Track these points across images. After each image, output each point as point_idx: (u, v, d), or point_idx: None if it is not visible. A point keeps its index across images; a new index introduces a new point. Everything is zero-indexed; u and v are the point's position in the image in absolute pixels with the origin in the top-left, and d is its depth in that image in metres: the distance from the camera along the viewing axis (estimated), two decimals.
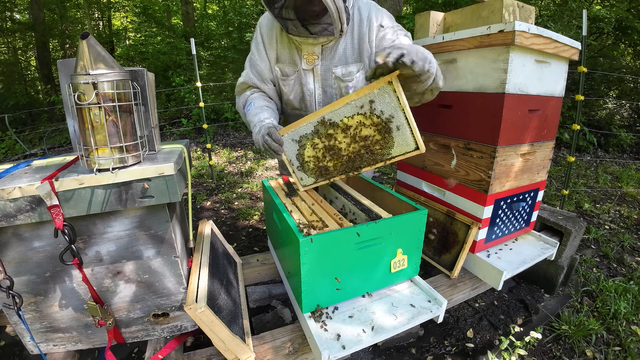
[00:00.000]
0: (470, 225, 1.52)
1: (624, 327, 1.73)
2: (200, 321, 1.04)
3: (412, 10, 6.63)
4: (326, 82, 1.43)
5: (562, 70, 1.57)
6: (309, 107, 1.50)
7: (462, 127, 1.54)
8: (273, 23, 1.40)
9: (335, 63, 1.39)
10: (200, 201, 3.54)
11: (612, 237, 2.73)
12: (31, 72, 10.36)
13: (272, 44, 1.42)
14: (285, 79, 1.47)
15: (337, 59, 1.39)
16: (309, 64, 1.39)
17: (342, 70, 1.40)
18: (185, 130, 6.32)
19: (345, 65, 1.39)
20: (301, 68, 1.40)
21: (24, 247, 1.05)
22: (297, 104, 1.52)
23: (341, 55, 1.38)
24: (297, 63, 1.41)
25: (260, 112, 1.37)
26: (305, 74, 1.41)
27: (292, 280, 1.29)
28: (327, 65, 1.39)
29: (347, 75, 1.41)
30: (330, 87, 1.44)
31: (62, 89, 1.15)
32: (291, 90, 1.48)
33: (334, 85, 1.43)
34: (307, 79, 1.42)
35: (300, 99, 1.50)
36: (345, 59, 1.39)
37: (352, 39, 1.37)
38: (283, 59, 1.43)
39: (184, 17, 8.96)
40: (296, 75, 1.44)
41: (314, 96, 1.46)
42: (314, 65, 1.39)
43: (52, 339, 1.18)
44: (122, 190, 1.02)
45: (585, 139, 5.29)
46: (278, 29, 1.39)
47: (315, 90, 1.45)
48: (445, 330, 1.76)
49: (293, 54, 1.40)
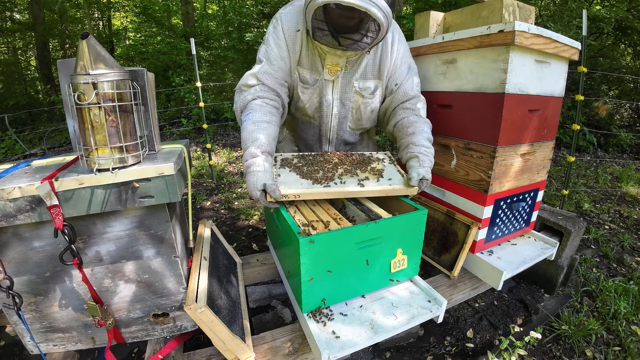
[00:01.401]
0: (470, 225, 1.52)
1: (624, 327, 1.73)
2: (200, 321, 1.04)
3: (412, 10, 6.62)
4: (345, 95, 1.41)
5: (562, 70, 1.57)
6: (324, 118, 1.47)
7: (462, 127, 1.54)
8: (297, 23, 1.30)
9: (356, 77, 1.38)
10: (200, 201, 3.54)
11: (612, 237, 2.73)
12: (31, 72, 10.35)
13: (296, 45, 1.32)
14: (305, 86, 1.39)
15: (359, 73, 1.38)
16: (331, 74, 1.35)
17: (361, 84, 1.40)
18: (185, 130, 6.32)
19: (364, 80, 1.40)
20: (323, 78, 1.36)
21: (24, 247, 1.05)
22: (310, 113, 1.47)
23: (363, 70, 1.38)
24: (320, 71, 1.35)
25: (257, 131, 1.24)
26: (325, 84, 1.38)
27: (292, 280, 1.29)
28: (349, 78, 1.38)
29: (364, 90, 1.41)
30: (349, 101, 1.43)
31: (62, 89, 1.15)
32: (309, 99, 1.42)
33: (352, 98, 1.42)
34: (327, 89, 1.39)
35: (315, 108, 1.46)
36: (365, 74, 1.39)
37: (374, 56, 1.37)
38: (304, 64, 1.36)
39: (184, 17, 8.95)
40: (317, 85, 1.38)
41: (331, 107, 1.43)
42: (336, 76, 1.36)
43: (52, 339, 1.18)
44: (122, 190, 1.02)
45: (585, 139, 5.29)
46: (304, 30, 1.30)
47: (333, 102, 1.42)
48: (445, 330, 1.76)
49: (315, 61, 1.34)
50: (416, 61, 1.74)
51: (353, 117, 1.49)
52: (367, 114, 1.48)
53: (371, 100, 1.44)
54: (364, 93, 1.41)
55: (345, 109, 1.45)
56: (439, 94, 1.62)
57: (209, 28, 9.09)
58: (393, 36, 1.38)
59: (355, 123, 1.52)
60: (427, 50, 1.64)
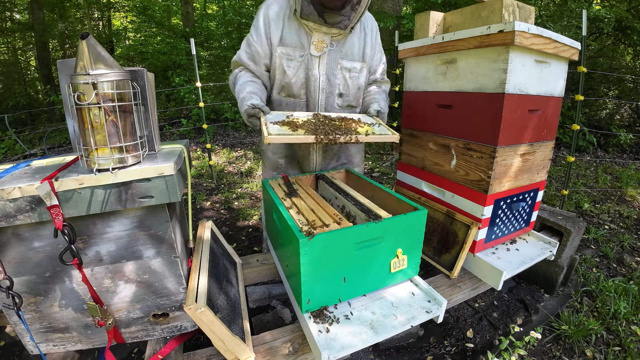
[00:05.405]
0: (470, 225, 1.52)
1: (624, 327, 1.73)
2: (200, 321, 1.04)
3: (412, 10, 6.63)
4: (331, 71, 1.54)
5: (562, 70, 1.57)
6: (311, 93, 1.56)
7: (462, 127, 1.54)
8: (285, 4, 1.48)
9: (342, 56, 1.54)
10: (200, 201, 3.54)
11: (611, 237, 2.73)
12: (31, 72, 10.36)
13: (278, 25, 1.47)
14: (290, 58, 1.51)
15: (343, 53, 1.54)
16: (317, 50, 1.49)
17: (349, 64, 1.57)
18: (185, 130, 6.32)
19: (351, 61, 1.57)
20: (309, 53, 1.49)
21: (24, 247, 1.05)
22: (296, 90, 1.56)
23: (348, 51, 1.55)
24: (306, 47, 1.49)
25: (245, 87, 1.47)
26: (312, 59, 1.50)
27: (291, 280, 1.29)
28: (334, 56, 1.53)
29: (351, 70, 1.58)
30: (334, 77, 1.56)
31: (62, 89, 1.15)
32: (294, 73, 1.52)
33: (338, 75, 1.56)
34: (313, 64, 1.51)
35: (302, 84, 1.55)
36: (352, 55, 1.56)
37: (358, 40, 1.56)
38: (289, 42, 1.48)
39: (184, 17, 8.96)
40: (303, 59, 1.50)
41: (318, 82, 1.54)
42: (322, 52, 1.49)
43: (51, 339, 1.18)
44: (122, 191, 1.02)
45: (585, 139, 5.30)
46: (287, 10, 1.47)
47: (320, 77, 1.54)
48: (445, 330, 1.76)
49: (302, 38, 1.48)
50: (416, 61, 1.75)
51: (340, 92, 1.61)
52: (354, 90, 1.63)
53: (357, 75, 1.60)
54: (351, 71, 1.58)
55: (332, 85, 1.57)
56: (439, 94, 1.63)
57: (209, 28, 9.10)
58: (373, 27, 1.61)
59: (341, 99, 1.63)
60: (427, 50, 1.64)
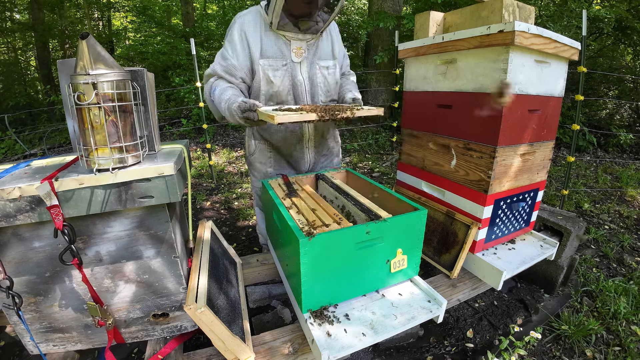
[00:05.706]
0: (470, 225, 1.52)
1: (624, 327, 1.73)
2: (200, 321, 1.04)
3: (412, 10, 6.63)
4: (312, 72, 1.68)
5: (562, 70, 1.57)
6: (299, 96, 1.66)
7: (461, 127, 1.54)
8: (259, 19, 1.57)
9: (318, 58, 1.69)
10: (200, 201, 3.54)
11: (611, 237, 2.73)
12: (31, 72, 10.36)
13: (256, 40, 1.55)
14: (276, 70, 1.59)
15: (318, 55, 1.69)
16: (297, 57, 1.62)
17: (324, 63, 1.72)
18: (185, 130, 6.32)
19: (326, 60, 1.72)
20: (291, 60, 1.61)
21: (24, 247, 1.05)
22: (284, 96, 1.64)
23: (321, 52, 1.70)
24: (287, 56, 1.60)
25: (227, 90, 1.51)
26: (294, 65, 1.62)
27: (291, 280, 1.29)
28: (312, 59, 1.67)
29: (330, 68, 1.74)
30: (315, 77, 1.69)
31: (62, 89, 1.15)
32: (281, 82, 1.61)
33: (318, 74, 1.70)
34: (297, 70, 1.63)
35: (289, 89, 1.64)
36: (325, 55, 1.72)
37: (327, 42, 1.72)
38: (270, 53, 1.58)
39: (184, 17, 8.95)
40: (286, 67, 1.61)
41: (303, 86, 1.65)
42: (302, 58, 1.63)
43: (51, 339, 1.18)
44: (122, 191, 1.02)
45: (585, 139, 5.30)
46: (261, 24, 1.56)
47: (305, 80, 1.66)
48: (445, 330, 1.76)
49: (282, 47, 1.59)
50: (416, 61, 1.75)
51: (322, 90, 1.74)
52: (333, 84, 1.78)
53: (334, 72, 1.76)
54: (328, 69, 1.73)
55: (315, 85, 1.70)
56: (439, 94, 1.63)
57: (208, 28, 9.09)
58: (333, 26, 1.77)
59: (325, 95, 1.76)
60: (427, 50, 1.64)
